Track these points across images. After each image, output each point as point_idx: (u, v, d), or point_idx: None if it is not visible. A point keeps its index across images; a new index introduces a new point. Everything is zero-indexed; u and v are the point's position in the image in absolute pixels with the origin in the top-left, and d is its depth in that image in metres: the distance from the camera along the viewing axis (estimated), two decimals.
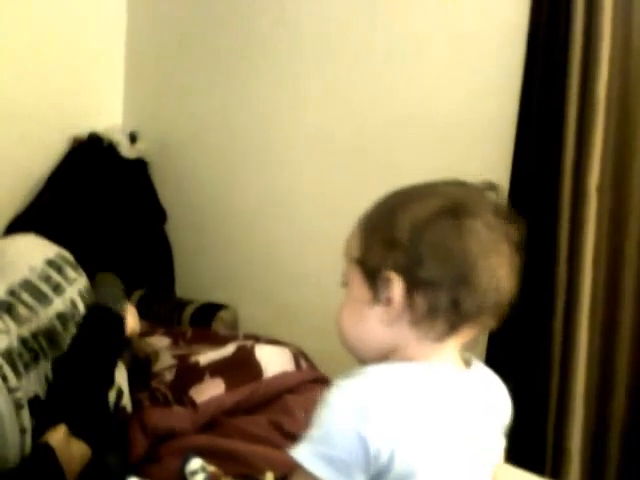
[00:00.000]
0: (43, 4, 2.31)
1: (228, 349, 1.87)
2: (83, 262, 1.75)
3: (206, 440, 1.55)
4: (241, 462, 1.45)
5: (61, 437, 1.36)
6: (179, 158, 2.52)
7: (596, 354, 1.82)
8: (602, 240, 1.79)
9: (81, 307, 1.66)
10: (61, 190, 2.31)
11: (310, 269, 2.29)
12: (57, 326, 1.57)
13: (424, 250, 0.85)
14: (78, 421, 1.41)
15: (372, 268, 0.88)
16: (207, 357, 1.82)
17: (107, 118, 2.51)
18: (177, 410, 1.63)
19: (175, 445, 1.53)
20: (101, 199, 2.32)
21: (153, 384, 1.72)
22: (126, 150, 2.40)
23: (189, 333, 2.06)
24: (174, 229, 2.52)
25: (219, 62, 2.41)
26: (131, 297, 2.35)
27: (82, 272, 1.72)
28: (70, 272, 1.68)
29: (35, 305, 1.57)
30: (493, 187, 0.92)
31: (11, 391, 1.38)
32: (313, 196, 2.29)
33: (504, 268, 0.87)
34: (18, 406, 1.38)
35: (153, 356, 1.84)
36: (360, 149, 2.19)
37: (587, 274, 1.78)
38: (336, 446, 0.81)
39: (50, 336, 1.54)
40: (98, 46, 2.49)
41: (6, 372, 1.39)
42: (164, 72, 2.54)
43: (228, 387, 1.71)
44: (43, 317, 1.55)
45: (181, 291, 2.51)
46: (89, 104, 2.49)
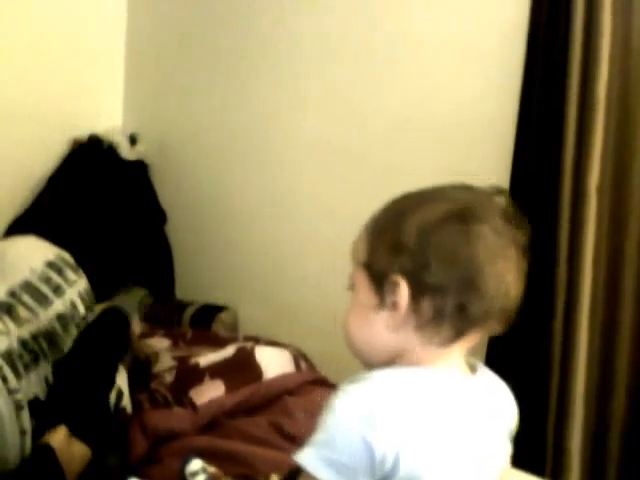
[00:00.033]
0: (43, 4, 2.31)
1: (228, 351, 1.86)
2: (83, 264, 1.75)
3: (206, 441, 1.55)
4: (241, 463, 1.45)
5: (61, 438, 1.36)
6: (179, 159, 2.52)
7: (596, 354, 1.82)
8: (602, 240, 1.79)
9: (81, 309, 1.66)
10: (61, 192, 2.31)
11: (310, 270, 2.29)
12: (57, 327, 1.58)
13: (431, 255, 0.85)
14: (78, 422, 1.41)
15: (378, 272, 0.88)
16: (207, 359, 1.82)
17: (107, 120, 2.50)
18: (177, 411, 1.63)
19: (175, 446, 1.53)
20: (101, 201, 2.32)
21: (153, 385, 1.72)
22: (126, 152, 2.40)
23: (189, 334, 2.06)
24: (174, 230, 2.52)
25: (219, 62, 2.41)
26: (130, 296, 2.36)
27: (82, 274, 1.72)
28: (70, 274, 1.68)
29: (35, 306, 1.57)
30: (501, 192, 0.91)
31: (11, 392, 1.38)
32: (313, 196, 2.29)
33: (511, 273, 0.87)
34: (18, 407, 1.38)
35: (153, 357, 1.84)
36: (360, 149, 2.18)
37: (587, 274, 1.78)
38: (341, 451, 0.81)
39: (50, 337, 1.55)
40: (98, 47, 2.49)
41: (6, 373, 1.39)
42: (164, 72, 2.54)
43: (228, 388, 1.71)
44: (43, 318, 1.56)
45: (181, 292, 2.50)
46: (89, 106, 2.49)
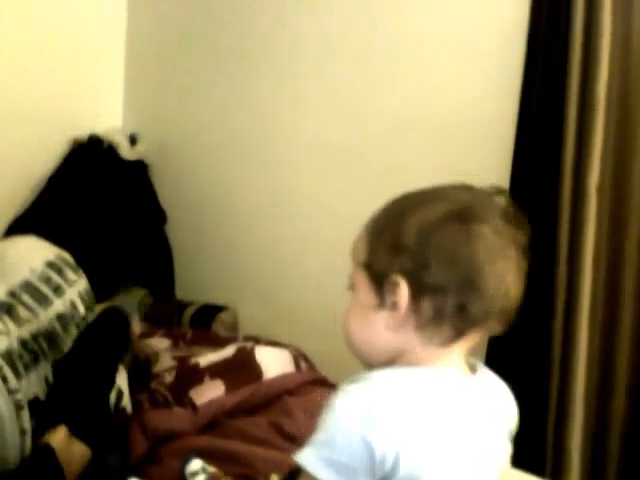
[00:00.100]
0: (43, 4, 2.31)
1: (228, 351, 1.86)
2: (83, 264, 1.75)
3: (206, 441, 1.55)
4: (241, 463, 1.45)
5: (61, 438, 1.36)
6: (179, 159, 2.52)
7: (596, 354, 1.82)
8: (602, 240, 1.79)
9: (81, 309, 1.67)
10: (61, 192, 2.31)
11: (310, 270, 2.29)
12: (57, 327, 1.58)
13: (431, 255, 0.85)
14: (78, 422, 1.41)
15: (378, 272, 0.88)
16: (207, 359, 1.82)
17: (107, 120, 2.50)
18: (177, 411, 1.63)
19: (175, 446, 1.53)
20: (101, 201, 2.32)
21: (153, 385, 1.72)
22: (126, 152, 2.40)
23: (189, 334, 2.06)
24: (174, 230, 2.52)
25: (219, 62, 2.41)
26: (130, 296, 2.36)
27: (82, 274, 1.72)
28: (70, 274, 1.68)
29: (35, 306, 1.57)
30: (501, 192, 0.91)
31: (11, 392, 1.38)
32: (313, 196, 2.29)
33: (511, 273, 0.87)
34: (18, 407, 1.38)
35: (153, 357, 1.84)
36: (360, 149, 2.18)
37: (587, 274, 1.78)
38: (341, 451, 0.80)
39: (50, 337, 1.55)
40: (98, 47, 2.49)
41: (6, 373, 1.39)
42: (164, 72, 2.54)
43: (228, 389, 1.71)
44: (43, 318, 1.56)
45: (181, 292, 2.50)
46: (89, 106, 2.49)
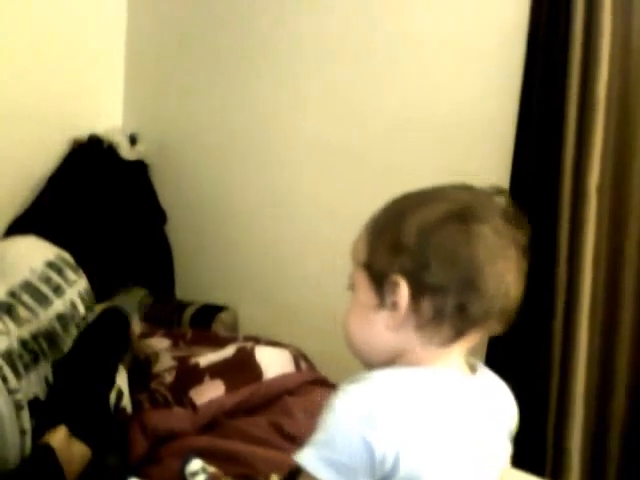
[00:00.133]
0: (43, 4, 2.31)
1: (228, 351, 1.86)
2: (83, 264, 1.75)
3: (206, 441, 1.55)
4: (241, 463, 1.45)
5: (61, 438, 1.36)
6: (179, 159, 2.52)
7: (596, 354, 1.82)
8: (602, 240, 1.79)
9: (81, 309, 1.67)
10: (61, 192, 2.31)
11: (310, 270, 2.29)
12: (57, 327, 1.58)
13: (431, 255, 0.85)
14: (78, 422, 1.41)
15: (378, 272, 0.88)
16: (207, 359, 1.82)
17: (107, 120, 2.50)
18: (177, 411, 1.63)
19: (175, 446, 1.53)
20: (101, 201, 2.32)
21: (153, 385, 1.72)
22: (126, 152, 2.40)
23: (189, 334, 2.06)
24: (174, 230, 2.52)
25: (219, 62, 2.41)
26: (130, 296, 2.36)
27: (82, 274, 1.72)
28: (70, 274, 1.68)
29: (35, 306, 1.57)
30: (501, 192, 0.91)
31: (11, 392, 1.38)
32: (313, 196, 2.29)
33: (511, 273, 0.87)
34: (18, 407, 1.38)
35: (153, 357, 1.84)
36: (360, 149, 2.18)
37: (587, 274, 1.78)
38: (341, 451, 0.80)
39: (50, 337, 1.55)
40: (98, 47, 2.49)
41: (6, 373, 1.39)
42: (164, 72, 2.54)
43: (228, 389, 1.71)
44: (43, 318, 1.56)
45: (181, 292, 2.50)
46: (89, 106, 2.49)
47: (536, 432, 1.82)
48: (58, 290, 1.63)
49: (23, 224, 2.21)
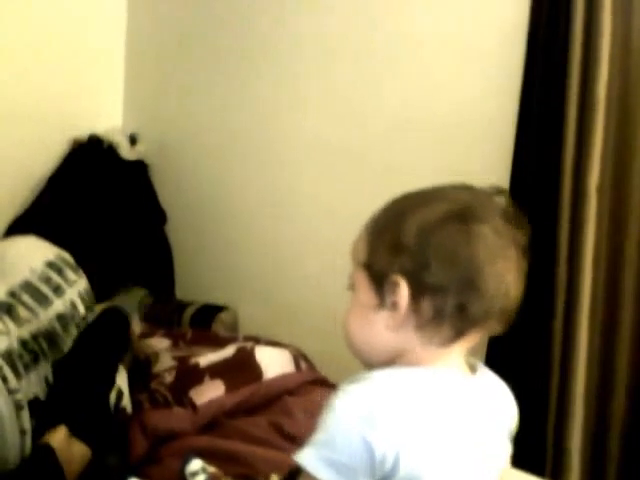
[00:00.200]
0: (43, 4, 2.31)
1: (228, 351, 1.86)
2: (83, 264, 1.75)
3: (206, 441, 1.55)
4: (241, 463, 1.45)
5: (61, 438, 1.36)
6: (179, 159, 2.52)
7: (596, 354, 1.82)
8: (602, 240, 1.79)
9: (81, 309, 1.66)
10: (61, 192, 2.31)
11: (310, 270, 2.29)
12: (57, 327, 1.58)
13: (431, 255, 0.85)
14: (78, 422, 1.41)
15: (378, 272, 0.88)
16: (207, 359, 1.82)
17: (107, 120, 2.50)
18: (177, 411, 1.63)
19: (175, 446, 1.53)
20: (101, 201, 2.32)
21: (153, 385, 1.72)
22: (126, 152, 2.40)
23: (189, 334, 2.06)
24: (174, 230, 2.52)
25: (219, 62, 2.41)
26: (130, 296, 2.36)
27: (82, 274, 1.72)
28: (70, 274, 1.68)
29: (35, 306, 1.57)
30: (501, 192, 0.91)
31: (11, 392, 1.38)
32: (313, 196, 2.29)
33: (511, 273, 0.87)
34: (18, 407, 1.38)
35: (153, 357, 1.84)
36: (360, 149, 2.18)
37: (587, 274, 1.78)
38: (341, 451, 0.81)
39: (50, 337, 1.55)
40: (98, 47, 2.49)
41: (6, 373, 1.39)
42: (164, 72, 2.54)
43: (228, 389, 1.71)
44: (43, 318, 1.56)
45: (181, 292, 2.50)
46: (89, 106, 2.49)
47: (536, 432, 1.82)
48: (58, 290, 1.63)
49: (23, 224, 2.21)
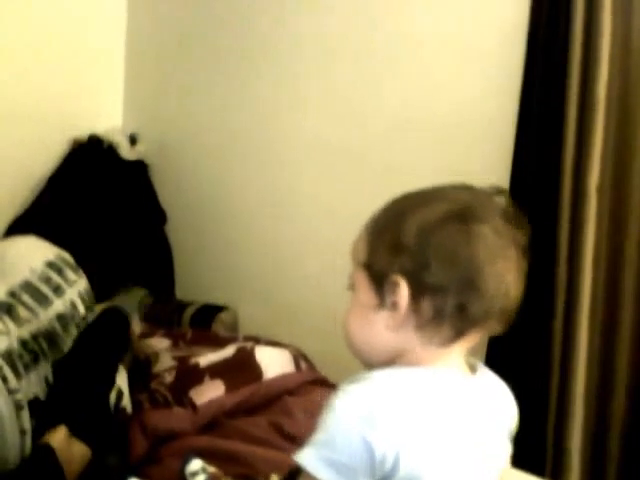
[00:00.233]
0: (43, 4, 2.31)
1: (228, 351, 1.86)
2: (83, 264, 1.75)
3: (206, 441, 1.55)
4: (241, 463, 1.45)
5: (61, 438, 1.36)
6: (179, 159, 2.52)
7: (596, 354, 1.82)
8: (602, 240, 1.79)
9: (81, 309, 1.66)
10: (61, 192, 2.31)
11: (310, 270, 2.29)
12: (57, 327, 1.58)
13: (431, 255, 0.85)
14: (78, 422, 1.41)
15: (378, 272, 0.88)
16: (207, 359, 1.82)
17: (107, 120, 2.50)
18: (177, 411, 1.63)
19: (175, 446, 1.53)
20: (101, 201, 2.32)
21: (153, 385, 1.72)
22: (126, 152, 2.40)
23: (189, 334, 2.06)
24: (174, 230, 2.52)
25: (219, 62, 2.41)
26: (130, 296, 2.36)
27: (82, 274, 1.72)
28: (70, 274, 1.68)
29: (35, 306, 1.57)
30: (501, 192, 0.91)
31: (11, 392, 1.38)
32: (313, 196, 2.29)
33: (511, 273, 0.87)
34: (18, 407, 1.38)
35: (153, 357, 1.84)
36: (360, 149, 2.18)
37: (587, 274, 1.78)
38: (341, 451, 0.81)
39: (50, 337, 1.55)
40: (98, 47, 2.49)
41: (6, 373, 1.39)
42: (164, 73, 2.54)
43: (228, 389, 1.71)
44: (43, 318, 1.56)
45: (181, 292, 2.50)
46: (89, 106, 2.49)
47: (536, 432, 1.82)
48: (58, 290, 1.63)
49: (23, 224, 2.21)
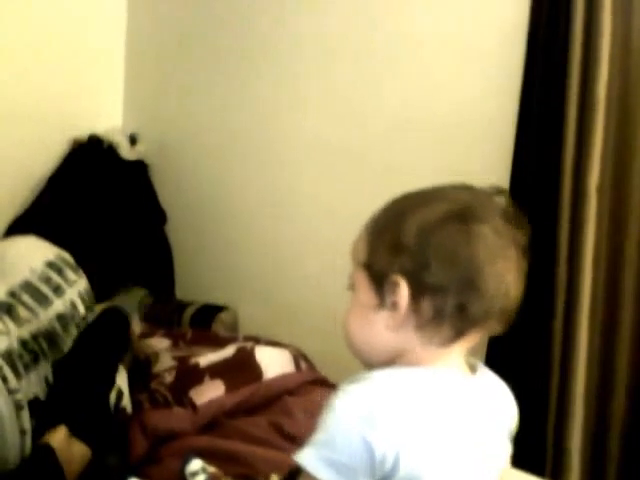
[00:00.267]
0: (43, 4, 2.31)
1: (228, 351, 1.86)
2: (83, 264, 1.75)
3: (206, 441, 1.55)
4: (241, 463, 1.45)
5: (61, 438, 1.36)
6: (179, 159, 2.52)
7: (596, 354, 1.82)
8: (602, 240, 1.79)
9: (81, 308, 1.66)
10: (61, 192, 2.31)
11: (310, 270, 2.29)
12: (57, 327, 1.58)
13: (431, 255, 0.85)
14: (78, 422, 1.41)
15: (378, 272, 0.88)
16: (207, 359, 1.82)
17: (107, 120, 2.50)
18: (177, 411, 1.63)
19: (175, 446, 1.53)
20: (101, 201, 2.32)
21: (153, 385, 1.72)
22: (126, 152, 2.40)
23: (189, 334, 2.06)
24: (174, 230, 2.52)
25: (219, 62, 2.41)
26: (130, 296, 2.36)
27: (82, 274, 1.72)
28: (70, 274, 1.68)
29: (35, 306, 1.57)
30: (501, 192, 0.91)
31: (11, 392, 1.38)
32: (313, 196, 2.29)
33: (511, 273, 0.87)
34: (18, 407, 1.38)
35: (153, 357, 1.84)
36: (360, 149, 2.18)
37: (587, 274, 1.78)
38: (341, 451, 0.80)
39: (50, 337, 1.55)
40: (98, 47, 2.49)
41: (6, 373, 1.39)
42: (164, 73, 2.54)
43: (228, 389, 1.71)
44: (43, 318, 1.56)
45: (181, 292, 2.50)
46: (89, 106, 2.49)
47: (536, 432, 1.82)
48: (58, 290, 1.63)
49: (23, 224, 2.21)
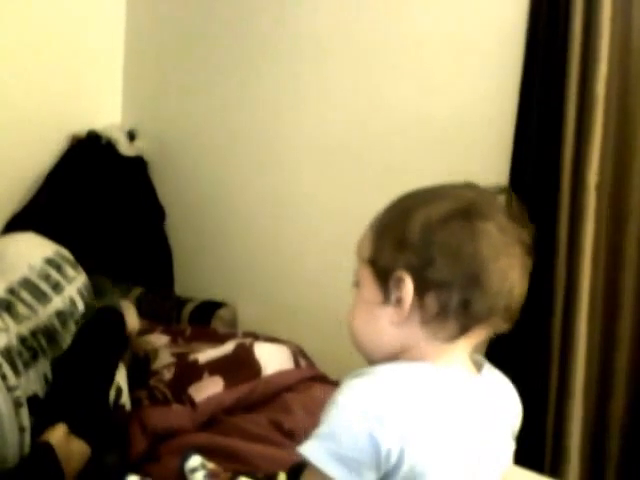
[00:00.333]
0: (43, 4, 2.31)
1: (227, 347, 1.86)
2: (82, 260, 1.75)
3: (205, 438, 1.55)
4: (240, 460, 1.45)
5: (60, 436, 1.36)
6: (178, 157, 2.52)
7: (595, 352, 1.82)
8: (601, 238, 1.79)
9: (80, 305, 1.66)
10: (60, 188, 2.31)
11: (309, 268, 2.29)
12: (56, 324, 1.57)
13: (435, 251, 0.85)
14: (78, 420, 1.41)
15: (383, 268, 0.88)
16: (206, 355, 1.82)
17: (106, 116, 2.51)
18: (176, 408, 1.63)
19: (174, 443, 1.52)
20: (100, 197, 2.32)
21: (152, 382, 1.72)
22: (125, 148, 2.40)
23: (188, 331, 2.06)
24: (173, 227, 2.52)
25: (219, 62, 2.42)
26: (130, 295, 2.36)
27: (81, 270, 1.72)
28: (69, 270, 1.68)
29: (34, 303, 1.57)
30: (505, 190, 0.92)
31: (10, 390, 1.38)
32: (313, 196, 2.29)
33: (515, 271, 0.87)
34: (17, 405, 1.38)
35: (152, 354, 1.84)
36: (360, 149, 2.19)
37: (586, 273, 1.78)
38: (346, 445, 0.80)
39: (49, 334, 1.54)
40: (97, 45, 2.49)
41: (5, 371, 1.39)
42: (163, 71, 2.55)
43: (227, 385, 1.71)
44: (42, 315, 1.55)
45: (180, 289, 2.51)
46: (88, 102, 2.49)
47: (535, 430, 1.82)
48: (57, 287, 1.63)
49: (22, 221, 2.21)
